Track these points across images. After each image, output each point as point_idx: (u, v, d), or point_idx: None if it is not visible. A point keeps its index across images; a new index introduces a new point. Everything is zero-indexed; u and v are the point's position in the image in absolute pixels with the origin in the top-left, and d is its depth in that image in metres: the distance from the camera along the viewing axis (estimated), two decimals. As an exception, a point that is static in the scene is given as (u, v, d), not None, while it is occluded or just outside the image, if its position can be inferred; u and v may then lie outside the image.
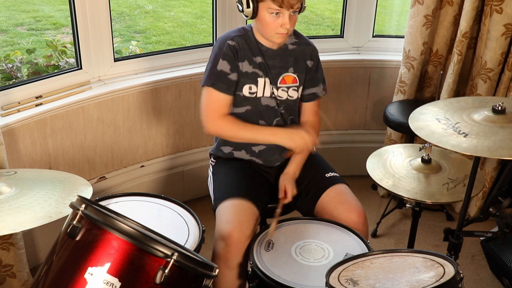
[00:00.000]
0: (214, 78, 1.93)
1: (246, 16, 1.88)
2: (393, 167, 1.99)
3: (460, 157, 2.07)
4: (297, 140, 1.94)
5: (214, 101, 1.95)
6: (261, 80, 1.97)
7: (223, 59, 1.93)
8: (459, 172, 1.98)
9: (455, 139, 1.59)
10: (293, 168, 2.03)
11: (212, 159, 2.16)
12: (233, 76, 1.94)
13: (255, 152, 2.06)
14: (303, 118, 2.11)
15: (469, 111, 1.75)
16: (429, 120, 1.74)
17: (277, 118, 2.03)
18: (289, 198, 1.96)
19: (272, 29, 1.87)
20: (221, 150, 2.10)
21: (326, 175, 2.02)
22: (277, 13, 1.83)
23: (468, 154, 1.56)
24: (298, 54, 2.02)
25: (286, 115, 2.05)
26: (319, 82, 2.07)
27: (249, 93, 1.98)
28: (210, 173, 2.12)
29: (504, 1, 2.49)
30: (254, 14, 1.86)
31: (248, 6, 1.85)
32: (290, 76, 2.01)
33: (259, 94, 1.99)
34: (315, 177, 2.02)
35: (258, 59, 1.97)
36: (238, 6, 1.89)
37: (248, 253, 1.78)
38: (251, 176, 2.04)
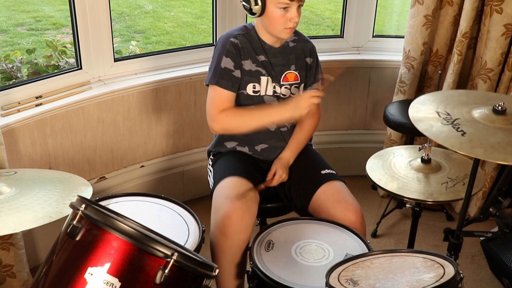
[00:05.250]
0: (218, 76, 1.93)
1: (254, 14, 1.89)
2: (393, 168, 1.99)
3: (460, 156, 2.07)
4: (303, 105, 1.86)
5: (218, 98, 1.95)
6: (263, 79, 1.98)
7: (226, 56, 1.93)
8: (459, 171, 1.98)
9: (453, 137, 1.59)
10: (287, 155, 2.05)
11: (211, 156, 2.15)
12: (237, 73, 1.95)
13: (257, 151, 2.07)
14: None
15: (470, 107, 1.74)
16: (429, 112, 1.73)
17: None
18: (274, 183, 1.97)
19: (281, 25, 1.88)
20: (224, 146, 2.09)
21: (321, 171, 2.01)
22: (285, 8, 1.85)
23: (464, 154, 1.56)
24: (299, 52, 2.05)
25: None
26: (319, 77, 2.11)
27: (253, 91, 1.98)
28: (209, 168, 2.12)
29: (504, 1, 2.49)
30: (262, 11, 1.87)
31: (256, 3, 1.86)
32: (292, 73, 2.03)
33: (262, 93, 2.00)
34: (310, 173, 2.02)
35: (261, 58, 1.98)
36: (244, 5, 1.90)
37: (247, 244, 1.78)
38: (251, 164, 2.05)
